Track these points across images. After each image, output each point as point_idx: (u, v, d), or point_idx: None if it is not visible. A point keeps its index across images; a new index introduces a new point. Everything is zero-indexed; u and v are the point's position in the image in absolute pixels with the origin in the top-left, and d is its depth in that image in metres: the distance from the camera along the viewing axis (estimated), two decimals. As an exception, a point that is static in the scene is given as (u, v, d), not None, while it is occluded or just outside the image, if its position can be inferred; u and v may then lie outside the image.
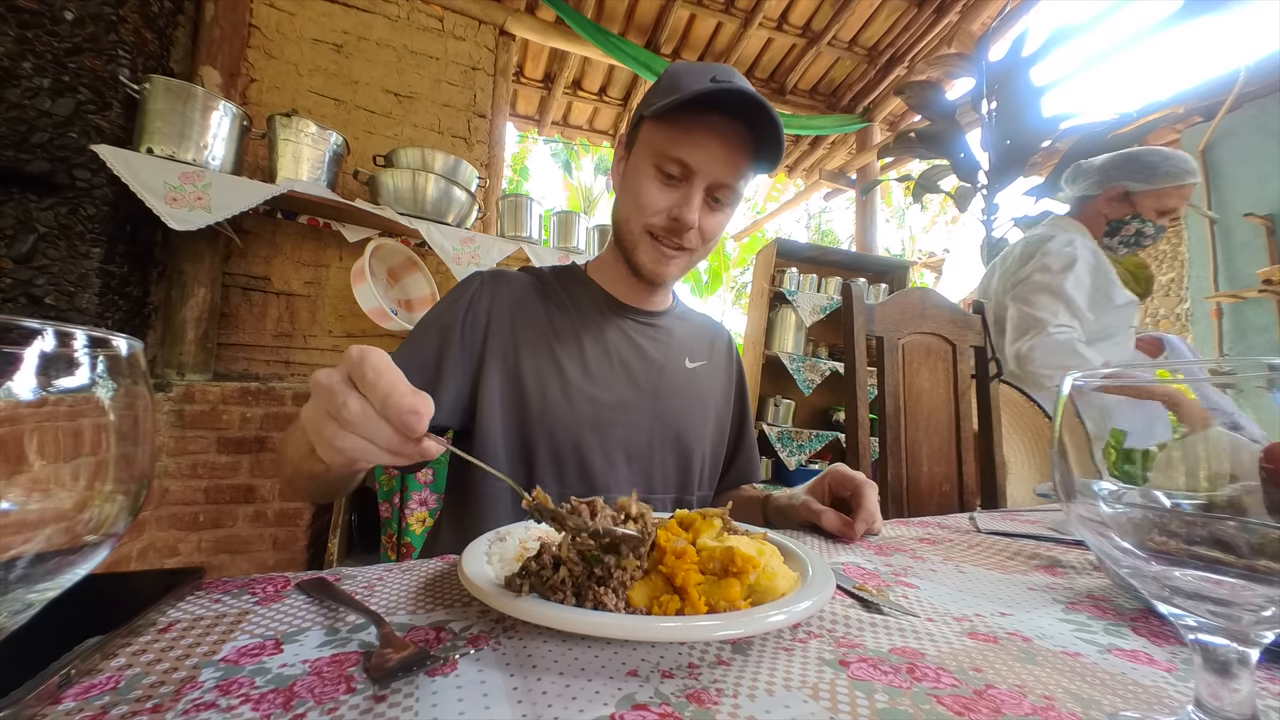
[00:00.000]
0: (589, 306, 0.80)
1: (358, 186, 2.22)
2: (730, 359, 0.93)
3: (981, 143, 2.41)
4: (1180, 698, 0.29)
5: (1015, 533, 0.68)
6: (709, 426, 0.85)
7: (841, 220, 12.39)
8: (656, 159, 0.68)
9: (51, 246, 1.56)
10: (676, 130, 0.67)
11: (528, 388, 0.71)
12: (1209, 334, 3.58)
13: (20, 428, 0.19)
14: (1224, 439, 0.23)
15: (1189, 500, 0.24)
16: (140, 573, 0.75)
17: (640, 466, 0.76)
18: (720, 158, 0.67)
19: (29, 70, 1.54)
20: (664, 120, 0.68)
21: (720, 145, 0.67)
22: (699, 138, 0.67)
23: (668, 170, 0.68)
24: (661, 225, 0.70)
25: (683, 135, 0.67)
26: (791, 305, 3.37)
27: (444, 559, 0.49)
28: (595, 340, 0.77)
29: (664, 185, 0.69)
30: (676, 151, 0.67)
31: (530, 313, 0.76)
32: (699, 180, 0.68)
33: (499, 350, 0.72)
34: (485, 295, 0.75)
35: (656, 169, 0.69)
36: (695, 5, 3.22)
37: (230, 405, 1.79)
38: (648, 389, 0.78)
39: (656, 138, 0.68)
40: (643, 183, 0.70)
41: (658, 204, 0.69)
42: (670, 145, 0.67)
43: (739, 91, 0.63)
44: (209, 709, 0.25)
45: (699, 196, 0.68)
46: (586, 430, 0.72)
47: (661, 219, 0.70)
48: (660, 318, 0.84)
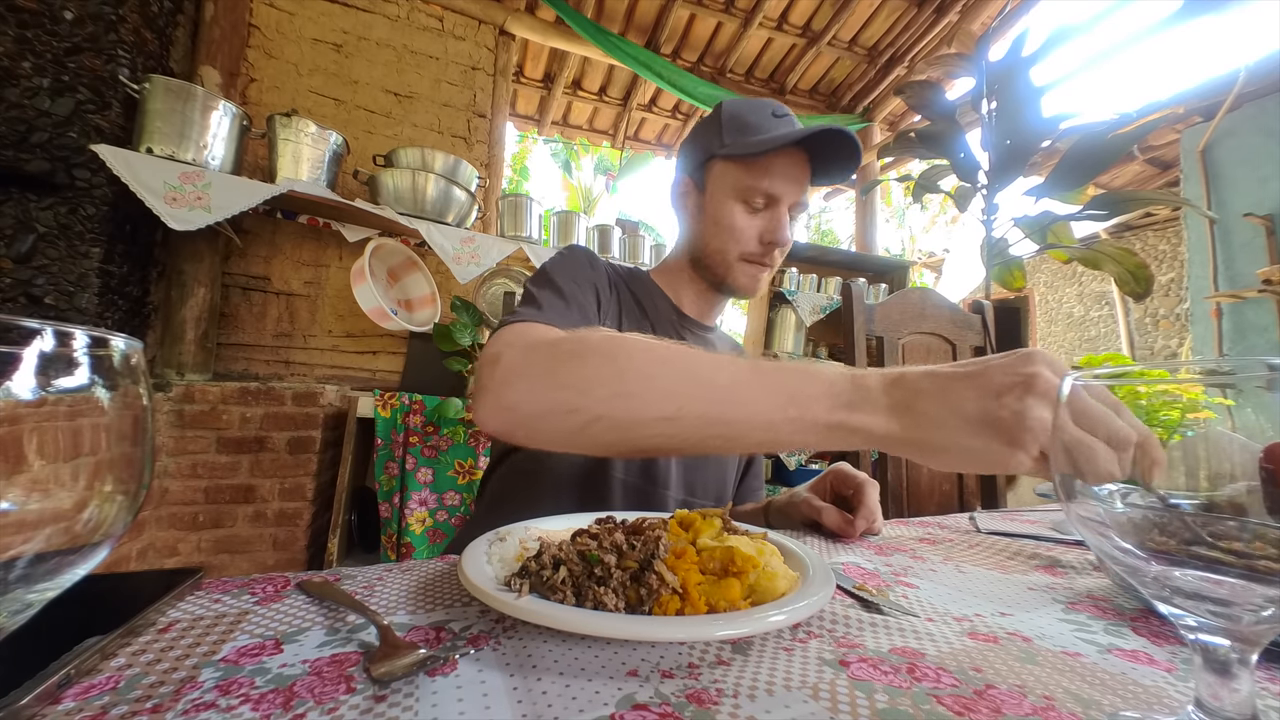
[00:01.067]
0: (661, 313, 0.86)
1: (358, 186, 2.21)
2: None
3: (981, 143, 2.40)
4: (1180, 698, 0.29)
5: (1015, 533, 0.68)
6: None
7: (841, 220, 12.40)
8: (742, 194, 0.76)
9: (51, 246, 1.56)
10: (757, 167, 0.75)
11: None
12: (1209, 334, 3.58)
13: (20, 428, 0.19)
14: (1224, 439, 0.23)
15: (1189, 500, 0.24)
16: (140, 573, 0.75)
17: (686, 472, 0.80)
18: (798, 181, 0.76)
19: (28, 70, 1.53)
20: (743, 159, 0.75)
21: (798, 171, 0.76)
22: (779, 169, 0.75)
23: (754, 203, 0.76)
24: (756, 250, 0.78)
25: (764, 171, 0.74)
26: (791, 305, 3.37)
27: (444, 559, 0.49)
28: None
29: (752, 214, 0.77)
30: (762, 185, 0.75)
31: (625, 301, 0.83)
32: (784, 203, 0.76)
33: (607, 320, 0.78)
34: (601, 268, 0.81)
35: (744, 203, 0.76)
36: (695, 5, 3.21)
37: (230, 405, 1.79)
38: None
39: (737, 174, 0.76)
40: (733, 217, 0.77)
41: (750, 232, 0.77)
42: (755, 180, 0.75)
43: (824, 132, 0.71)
44: (209, 709, 0.25)
45: (787, 218, 0.77)
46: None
47: (754, 244, 0.78)
48: (712, 333, 0.91)
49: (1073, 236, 2.36)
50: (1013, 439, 0.30)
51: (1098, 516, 0.25)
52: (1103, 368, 0.40)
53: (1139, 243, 6.24)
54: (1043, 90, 2.18)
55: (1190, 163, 3.71)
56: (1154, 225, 6.05)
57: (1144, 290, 2.09)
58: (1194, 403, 0.25)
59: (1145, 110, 3.23)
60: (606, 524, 0.45)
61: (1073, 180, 2.15)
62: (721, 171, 0.78)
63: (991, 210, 2.37)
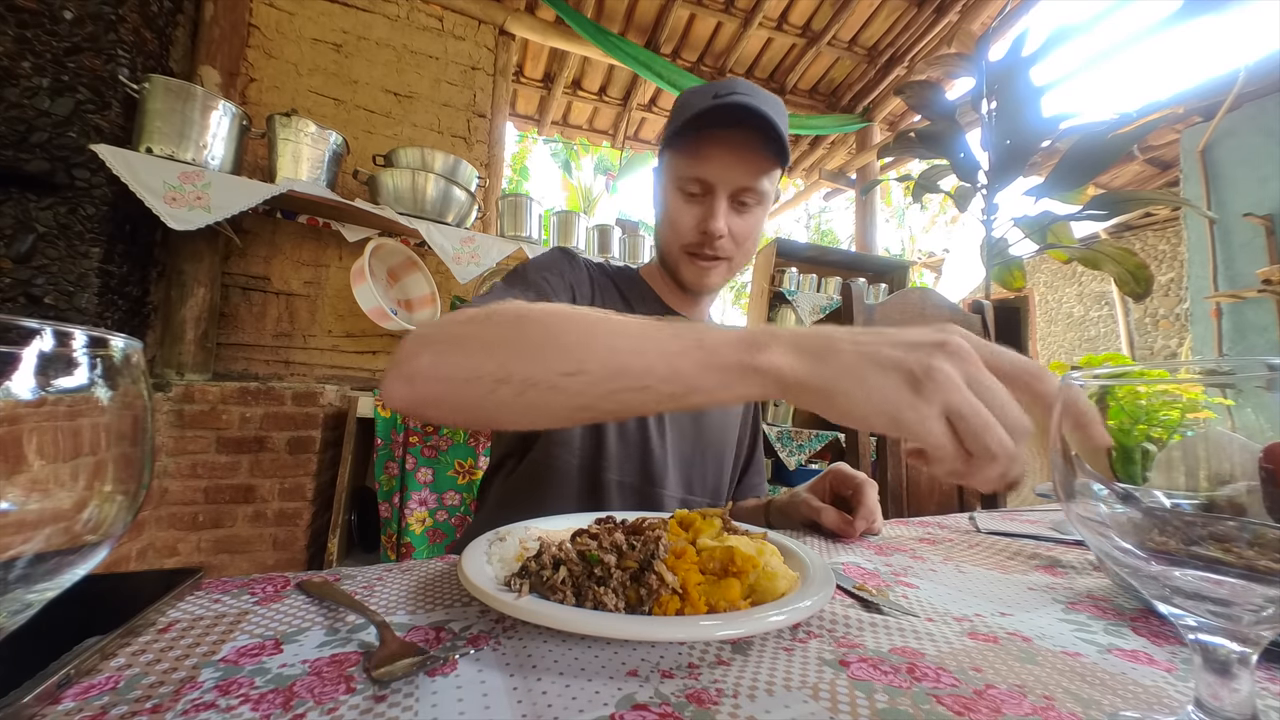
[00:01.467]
0: (649, 308, 0.84)
1: (357, 186, 2.21)
2: None
3: (981, 143, 2.41)
4: (1180, 698, 0.29)
5: (1015, 533, 0.68)
6: (732, 437, 0.89)
7: (841, 220, 12.40)
8: (678, 182, 0.74)
9: (50, 246, 1.56)
10: (687, 152, 0.73)
11: None
12: (1209, 334, 3.58)
13: (19, 428, 0.19)
14: (1224, 439, 0.23)
15: (1189, 500, 0.24)
16: (140, 573, 0.75)
17: (684, 471, 0.80)
18: (732, 165, 0.72)
19: (28, 69, 1.53)
20: (677, 146, 0.74)
21: (730, 154, 0.71)
22: (709, 153, 0.71)
23: (689, 190, 0.74)
24: (694, 241, 0.75)
25: (694, 155, 0.72)
26: (791, 305, 3.37)
27: (444, 559, 0.49)
28: None
29: (689, 203, 0.75)
30: (692, 171, 0.72)
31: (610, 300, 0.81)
32: (720, 191, 0.72)
33: None
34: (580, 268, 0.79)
35: (680, 191, 0.75)
36: (695, 5, 3.21)
37: (230, 405, 1.79)
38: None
39: (674, 163, 0.75)
40: (671, 206, 0.76)
41: (686, 221, 0.75)
42: (686, 167, 0.73)
43: (732, 107, 0.68)
44: (208, 709, 0.25)
45: (722, 205, 0.73)
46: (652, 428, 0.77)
47: (693, 234, 0.75)
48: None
49: (1073, 236, 2.36)
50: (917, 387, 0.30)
51: (1098, 516, 0.25)
52: (1103, 368, 0.40)
53: (1139, 243, 6.24)
54: (1043, 90, 2.18)
55: (1190, 163, 3.71)
56: (1154, 225, 6.05)
57: (1144, 290, 2.09)
58: (1194, 403, 0.25)
59: (1145, 110, 3.23)
60: (606, 524, 0.45)
61: (1073, 180, 2.15)
62: (667, 160, 0.77)
63: (991, 210, 2.37)
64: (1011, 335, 8.04)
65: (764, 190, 0.74)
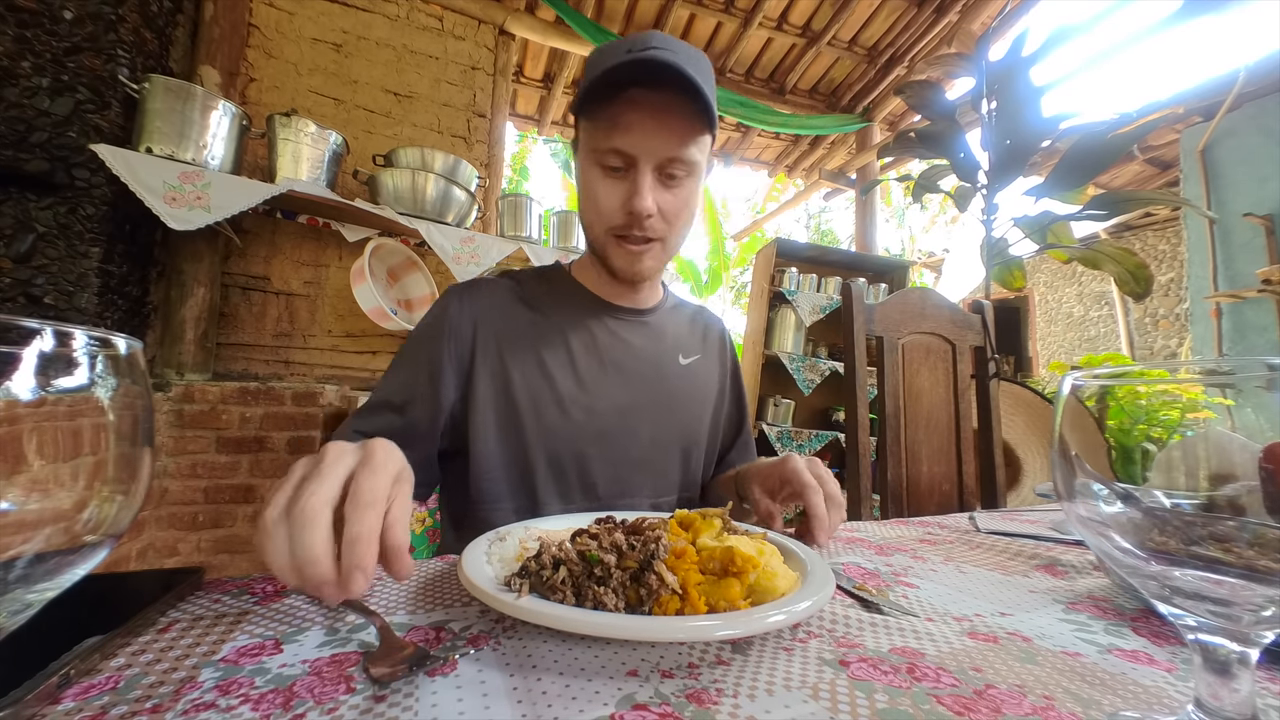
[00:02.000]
0: (575, 309, 0.76)
1: (357, 186, 2.21)
2: (723, 348, 0.90)
3: (981, 143, 2.41)
4: (1180, 698, 0.29)
5: (1015, 533, 0.68)
6: (706, 422, 0.83)
7: (841, 220, 12.40)
8: (596, 156, 0.64)
9: (50, 246, 1.55)
10: (604, 120, 0.62)
11: (520, 405, 0.68)
12: (1208, 334, 3.58)
13: (19, 428, 0.19)
14: (1224, 439, 0.23)
15: (1189, 500, 0.24)
16: (140, 573, 0.75)
17: (645, 473, 0.75)
18: (656, 133, 0.62)
19: (28, 69, 1.53)
20: (591, 113, 0.63)
21: (653, 120, 0.61)
22: (629, 120, 0.61)
23: (609, 164, 0.64)
24: (620, 223, 0.66)
25: (612, 123, 0.62)
26: (791, 305, 3.37)
27: (444, 559, 0.49)
28: (586, 346, 0.74)
29: (611, 180, 0.65)
30: (610, 141, 0.62)
31: (515, 323, 0.72)
32: (643, 164, 0.63)
33: (487, 368, 0.69)
34: (466, 311, 0.71)
35: (599, 166, 0.64)
36: (695, 5, 3.21)
37: (230, 405, 1.79)
38: (644, 392, 0.76)
39: (590, 134, 0.64)
40: (591, 183, 0.66)
41: (609, 201, 0.65)
42: (603, 137, 0.62)
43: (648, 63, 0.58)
44: (208, 709, 0.25)
45: (647, 180, 0.63)
46: (587, 443, 0.70)
47: (618, 215, 0.65)
48: (651, 314, 0.81)
49: (1072, 236, 2.36)
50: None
51: (1098, 516, 0.25)
52: (1103, 368, 0.40)
53: (1139, 243, 6.24)
54: (1043, 90, 2.18)
55: (1190, 163, 3.71)
56: (1154, 225, 6.05)
57: (1144, 290, 2.09)
58: (1194, 403, 0.25)
59: (1145, 110, 3.23)
60: (606, 524, 0.45)
61: (1073, 180, 2.15)
62: (581, 131, 0.67)
63: (991, 210, 2.37)
64: (1011, 335, 8.04)
65: (694, 160, 0.64)
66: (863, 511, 1.06)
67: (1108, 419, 0.27)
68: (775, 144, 4.63)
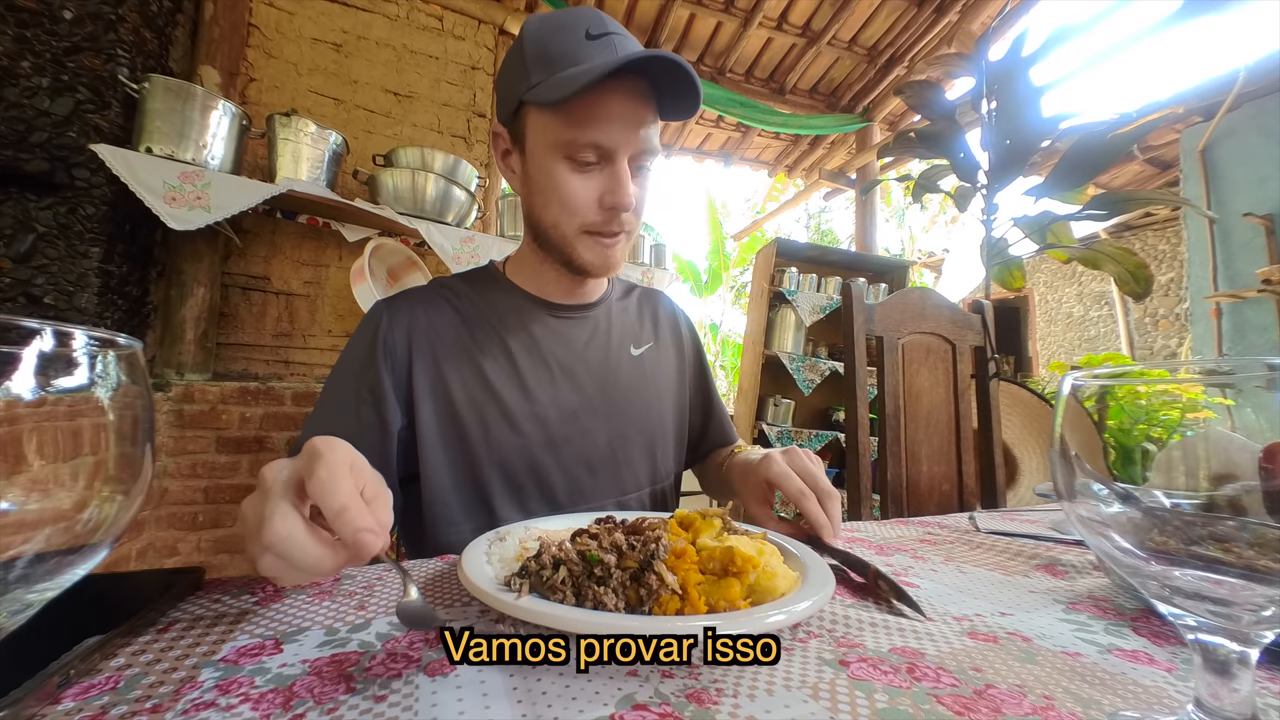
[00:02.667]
0: (513, 313, 0.72)
1: (357, 186, 2.21)
2: (679, 329, 0.87)
3: (981, 143, 2.41)
4: (1180, 698, 0.29)
5: (1015, 533, 0.68)
6: (669, 411, 0.80)
7: (841, 220, 12.40)
8: (566, 150, 0.60)
9: (50, 246, 1.56)
10: (578, 112, 0.58)
11: (466, 422, 0.65)
12: (1208, 334, 3.58)
13: (19, 428, 0.19)
14: (1224, 439, 0.23)
15: (1189, 500, 0.24)
16: (140, 573, 0.75)
17: (606, 473, 0.72)
18: (634, 124, 0.60)
19: (28, 69, 1.53)
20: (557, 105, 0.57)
21: (630, 111, 0.59)
22: (608, 111, 0.58)
23: (582, 158, 0.60)
24: (596, 219, 0.63)
25: (588, 116, 0.58)
26: (791, 305, 3.37)
27: (444, 559, 0.49)
28: (528, 351, 0.71)
29: (584, 175, 0.61)
30: (588, 136, 0.58)
31: (450, 334, 0.69)
32: (620, 156, 0.60)
33: (426, 386, 0.65)
34: (398, 328, 0.66)
35: (569, 160, 0.60)
36: (695, 5, 3.21)
37: (230, 405, 1.79)
38: (595, 392, 0.73)
39: (555, 126, 0.59)
40: (560, 181, 0.61)
41: (586, 197, 0.61)
42: (577, 131, 0.58)
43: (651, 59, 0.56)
44: (208, 709, 0.25)
45: (627, 173, 0.61)
46: (540, 453, 0.67)
47: (594, 212, 0.62)
48: (595, 309, 0.77)
49: (1072, 236, 2.36)
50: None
51: (1098, 516, 0.25)
52: (1103, 368, 0.40)
53: (1139, 243, 6.25)
54: (1043, 90, 2.18)
55: (1190, 163, 3.71)
56: (1154, 225, 6.05)
57: (1144, 290, 2.09)
58: (1194, 403, 0.25)
59: (1145, 110, 3.23)
60: (606, 524, 0.45)
61: (1073, 180, 2.15)
62: (536, 122, 0.61)
63: (991, 210, 2.37)
64: (1011, 335, 8.05)
65: (659, 149, 0.64)
66: (863, 511, 1.06)
67: (1108, 419, 0.27)
68: (775, 144, 4.63)
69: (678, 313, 0.89)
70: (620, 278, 0.86)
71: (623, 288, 0.86)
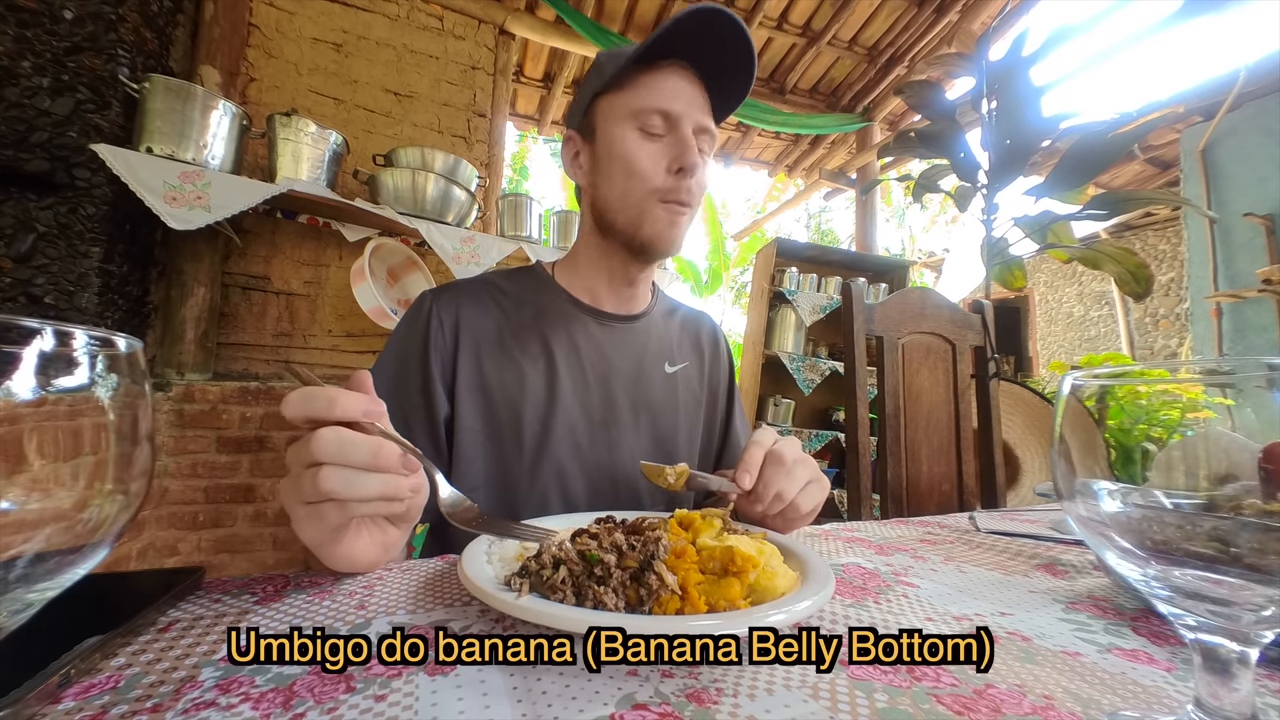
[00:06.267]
0: (558, 317, 0.73)
1: (357, 186, 2.21)
2: (717, 353, 0.88)
3: (981, 142, 2.41)
4: (1180, 698, 0.29)
5: (1015, 533, 0.68)
6: (695, 433, 0.81)
7: (841, 220, 12.40)
8: (635, 120, 0.66)
9: (51, 246, 1.55)
10: (643, 86, 0.66)
11: (501, 419, 0.68)
12: (1209, 334, 3.58)
13: (20, 427, 0.19)
14: (1224, 439, 0.23)
15: (1189, 500, 0.24)
16: (140, 572, 0.75)
17: (627, 488, 0.72)
18: (696, 97, 0.67)
19: (28, 69, 1.53)
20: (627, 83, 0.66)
21: (690, 85, 0.67)
22: (671, 83, 0.66)
23: (650, 128, 0.66)
24: (665, 184, 0.66)
25: (653, 87, 0.65)
26: (791, 305, 3.37)
27: (444, 559, 0.49)
28: (567, 356, 0.72)
29: (652, 142, 0.66)
30: (654, 103, 0.65)
31: (493, 332, 0.70)
32: (685, 123, 0.66)
33: (467, 381, 0.67)
34: (447, 318, 0.69)
35: (639, 130, 0.66)
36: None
37: (230, 405, 1.79)
38: (626, 405, 0.74)
39: (624, 100, 0.66)
40: (631, 149, 0.66)
41: (656, 162, 0.66)
42: (646, 98, 0.65)
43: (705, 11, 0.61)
44: (209, 708, 0.25)
45: (692, 139, 0.66)
46: (567, 458, 0.68)
47: (662, 177, 0.66)
48: (638, 321, 0.78)
49: (1073, 236, 2.36)
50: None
51: (1098, 516, 0.25)
52: (1103, 368, 0.40)
53: (1139, 242, 6.24)
54: (1043, 90, 2.18)
55: (1190, 162, 3.71)
56: (1154, 225, 6.05)
57: (1144, 290, 2.09)
58: (1194, 403, 0.25)
59: (1145, 110, 3.22)
60: (606, 524, 0.45)
61: (1073, 180, 2.15)
62: (607, 106, 0.68)
63: (991, 210, 2.37)
64: (1011, 335, 8.04)
65: (716, 135, 0.70)
66: (863, 511, 1.06)
67: (1108, 419, 0.27)
68: (775, 144, 4.63)
69: (720, 338, 0.90)
70: (664, 294, 0.88)
71: (667, 305, 0.87)
